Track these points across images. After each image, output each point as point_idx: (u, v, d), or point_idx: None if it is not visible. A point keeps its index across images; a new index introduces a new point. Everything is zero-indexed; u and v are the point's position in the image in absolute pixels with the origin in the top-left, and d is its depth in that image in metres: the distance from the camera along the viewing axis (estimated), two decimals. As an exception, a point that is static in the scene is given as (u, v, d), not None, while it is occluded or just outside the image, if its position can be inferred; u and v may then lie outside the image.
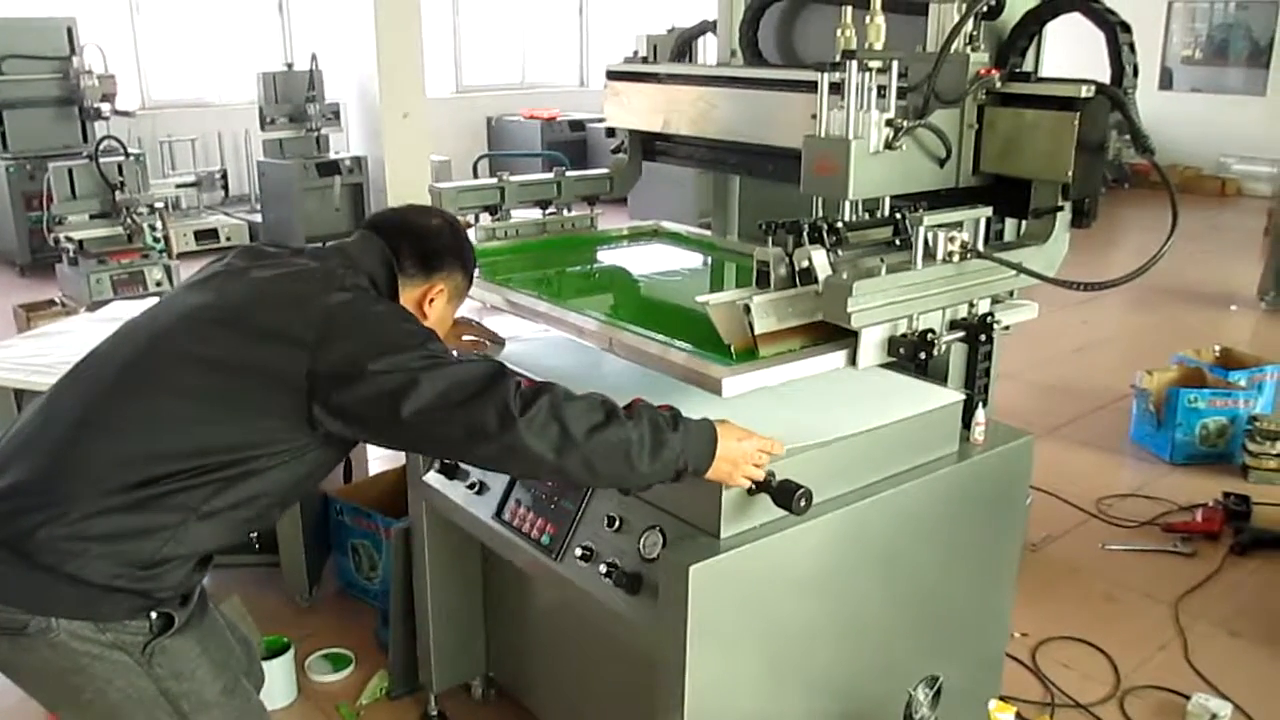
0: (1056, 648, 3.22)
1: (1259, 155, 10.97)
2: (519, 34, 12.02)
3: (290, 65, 8.32)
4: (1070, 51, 3.08)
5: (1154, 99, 11.33)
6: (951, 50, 2.01)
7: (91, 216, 6.27)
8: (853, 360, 1.91)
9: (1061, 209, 2.10)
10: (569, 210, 2.97)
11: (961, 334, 2.04)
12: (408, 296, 1.98)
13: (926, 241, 1.94)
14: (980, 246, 1.99)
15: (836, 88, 1.92)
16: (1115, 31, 2.03)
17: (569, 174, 2.98)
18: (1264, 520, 3.98)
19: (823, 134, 1.96)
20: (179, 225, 7.73)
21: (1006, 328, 2.15)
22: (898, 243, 2.09)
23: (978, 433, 2.26)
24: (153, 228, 6.28)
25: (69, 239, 6.13)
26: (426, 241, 2.01)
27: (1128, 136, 2.06)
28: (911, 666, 2.30)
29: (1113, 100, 2.00)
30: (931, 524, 2.20)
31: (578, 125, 10.78)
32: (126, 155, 6.44)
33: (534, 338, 2.55)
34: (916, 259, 1.93)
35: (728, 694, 1.96)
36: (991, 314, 2.08)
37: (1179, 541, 3.87)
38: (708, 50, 3.03)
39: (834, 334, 1.93)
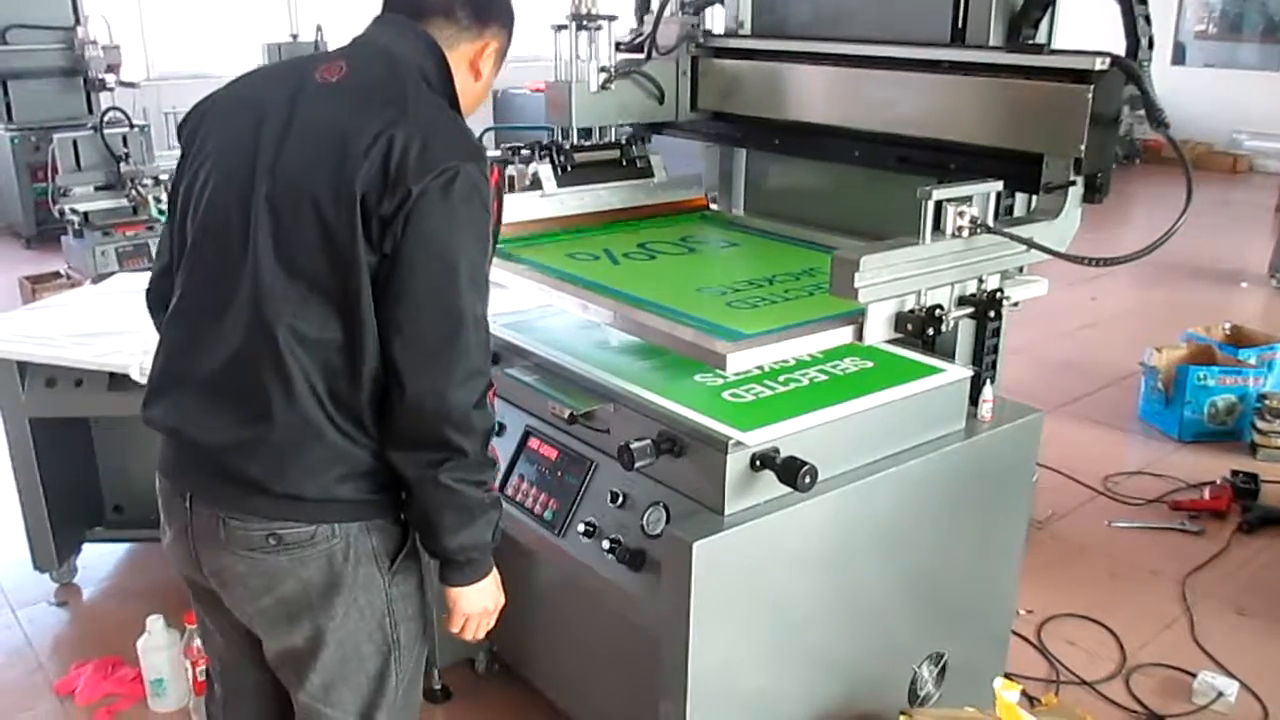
0: (1062, 625, 3.21)
1: (1271, 132, 10.86)
2: (528, 6, 11.91)
3: (295, 36, 8.25)
4: (1081, 18, 3.05)
5: (1166, 74, 11.19)
6: (666, 13, 2.68)
7: (96, 188, 6.24)
8: (859, 335, 1.88)
9: (1074, 184, 2.05)
10: None
11: (970, 310, 2.00)
12: (459, 55, 1.69)
13: (936, 216, 1.89)
14: (990, 221, 1.96)
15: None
16: (1131, 1, 1.99)
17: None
18: (1272, 498, 3.97)
19: (556, 78, 2.63)
20: (184, 198, 7.65)
21: (1016, 304, 2.11)
22: (624, 163, 2.77)
23: (985, 409, 2.25)
24: (158, 200, 6.24)
25: (74, 211, 6.11)
26: None
27: (1140, 112, 2.02)
28: (916, 644, 2.30)
29: (1128, 73, 1.95)
30: (938, 501, 2.19)
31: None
32: (131, 126, 6.40)
33: (535, 312, 2.53)
34: (925, 233, 1.88)
35: (731, 671, 1.95)
36: (1001, 290, 2.04)
37: (1186, 519, 3.86)
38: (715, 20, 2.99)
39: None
